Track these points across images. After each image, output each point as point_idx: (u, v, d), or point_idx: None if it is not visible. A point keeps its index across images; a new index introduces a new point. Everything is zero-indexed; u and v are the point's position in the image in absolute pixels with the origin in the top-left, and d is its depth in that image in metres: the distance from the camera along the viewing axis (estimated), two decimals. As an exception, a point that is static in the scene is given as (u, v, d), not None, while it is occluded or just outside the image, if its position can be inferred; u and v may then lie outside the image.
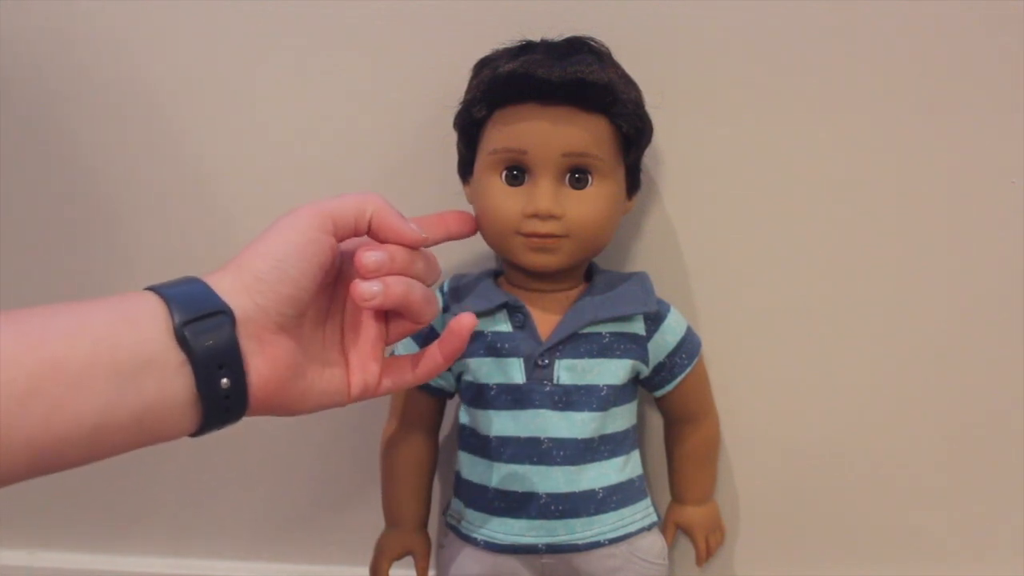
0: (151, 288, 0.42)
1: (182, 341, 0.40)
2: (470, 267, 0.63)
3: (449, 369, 0.59)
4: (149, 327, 0.40)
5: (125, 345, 0.38)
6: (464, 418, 0.59)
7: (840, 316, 0.65)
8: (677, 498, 0.66)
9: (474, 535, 0.57)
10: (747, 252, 0.65)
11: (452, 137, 0.59)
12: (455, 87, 0.58)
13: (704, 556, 0.66)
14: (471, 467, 0.58)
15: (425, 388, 0.61)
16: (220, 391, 0.41)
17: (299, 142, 0.67)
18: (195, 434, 0.42)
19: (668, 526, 0.65)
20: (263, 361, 0.42)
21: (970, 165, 0.62)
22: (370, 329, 0.48)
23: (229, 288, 0.42)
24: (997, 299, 0.64)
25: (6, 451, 0.35)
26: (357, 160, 0.67)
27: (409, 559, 0.63)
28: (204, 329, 0.40)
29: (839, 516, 0.68)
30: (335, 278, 0.47)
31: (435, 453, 0.64)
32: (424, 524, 0.62)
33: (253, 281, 0.43)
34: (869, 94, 0.62)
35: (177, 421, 0.41)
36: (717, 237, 0.65)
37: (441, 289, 0.60)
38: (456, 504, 0.60)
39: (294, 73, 0.66)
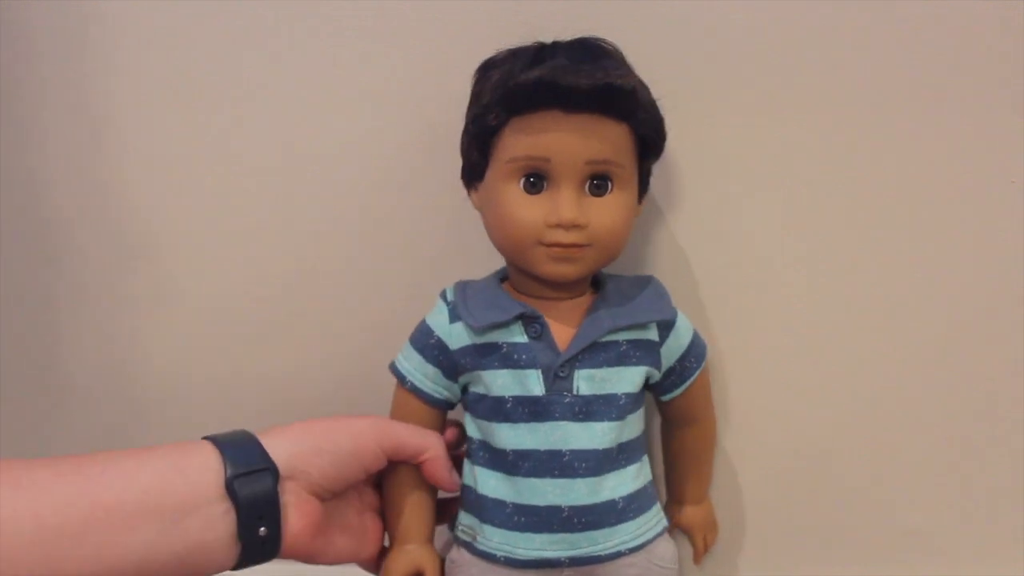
0: (209, 438, 0.48)
1: (231, 492, 0.46)
2: (468, 267, 0.63)
3: (456, 381, 0.58)
4: (199, 477, 0.46)
5: (173, 493, 0.44)
6: (473, 431, 0.57)
7: (839, 314, 0.65)
8: (675, 498, 0.66)
9: (493, 551, 0.55)
10: (748, 254, 0.65)
11: (456, 140, 0.58)
12: (457, 88, 0.57)
13: (702, 554, 0.66)
14: (485, 482, 0.56)
15: (428, 399, 0.58)
16: (258, 538, 0.47)
17: (300, 143, 0.67)
18: (232, 569, 0.47)
19: None
20: (298, 516, 0.49)
21: (970, 165, 0.62)
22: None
23: (285, 449, 0.49)
24: (997, 299, 0.64)
25: None
26: (357, 162, 0.67)
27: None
28: (251, 484, 0.46)
29: (839, 516, 0.68)
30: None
31: None
32: (430, 540, 0.59)
33: (311, 453, 0.50)
34: (867, 95, 0.62)
35: (216, 560, 0.46)
36: (721, 240, 0.65)
37: (444, 297, 0.59)
38: (468, 519, 0.57)
39: (294, 74, 0.66)
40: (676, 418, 0.63)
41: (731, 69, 0.62)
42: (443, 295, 0.59)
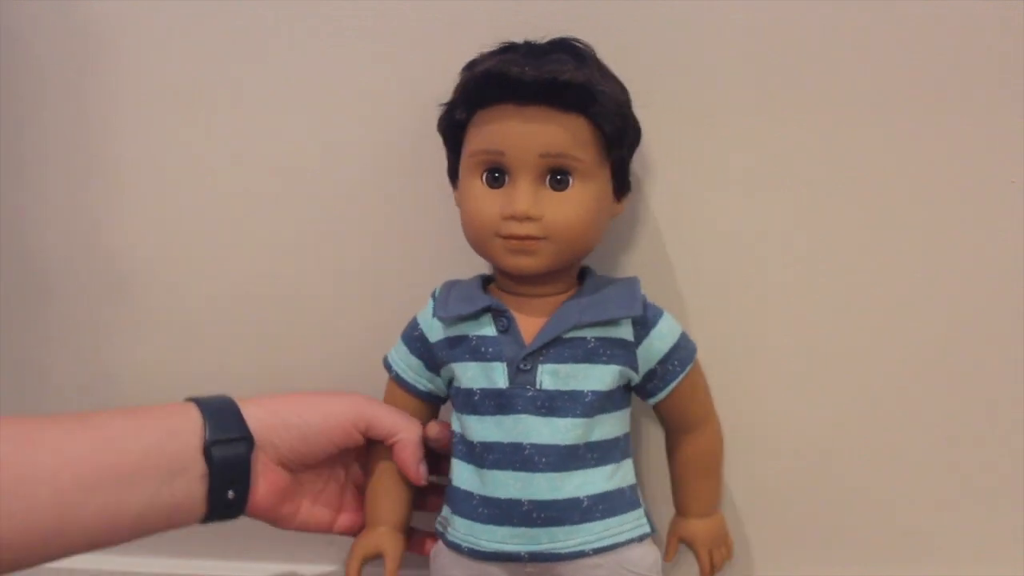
0: (193, 399, 0.51)
1: (208, 457, 0.48)
2: (469, 267, 0.63)
3: (439, 374, 0.59)
4: (188, 440, 0.48)
5: (167, 454, 0.47)
6: (454, 424, 0.59)
7: (839, 314, 0.65)
8: (680, 510, 0.63)
9: (459, 542, 0.56)
10: (747, 253, 0.65)
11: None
12: (451, 89, 0.57)
13: (708, 572, 0.63)
14: (459, 474, 0.57)
15: (411, 390, 0.60)
16: (226, 501, 0.50)
17: (299, 143, 0.67)
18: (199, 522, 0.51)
19: (670, 539, 0.63)
20: (264, 484, 0.52)
21: (970, 165, 0.62)
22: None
23: (257, 420, 0.51)
24: (996, 299, 0.64)
25: (68, 532, 0.44)
26: (351, 163, 0.67)
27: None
28: (227, 450, 0.49)
29: (839, 516, 0.68)
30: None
31: None
32: (400, 526, 0.60)
33: (280, 426, 0.52)
34: (867, 95, 0.62)
35: (187, 517, 0.50)
36: (720, 240, 0.65)
37: (433, 294, 0.60)
38: (445, 511, 0.59)
39: (289, 73, 0.66)
40: (671, 425, 0.62)
41: (730, 70, 0.62)
42: (433, 293, 0.60)
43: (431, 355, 0.59)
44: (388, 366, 0.61)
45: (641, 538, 0.57)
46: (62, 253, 0.71)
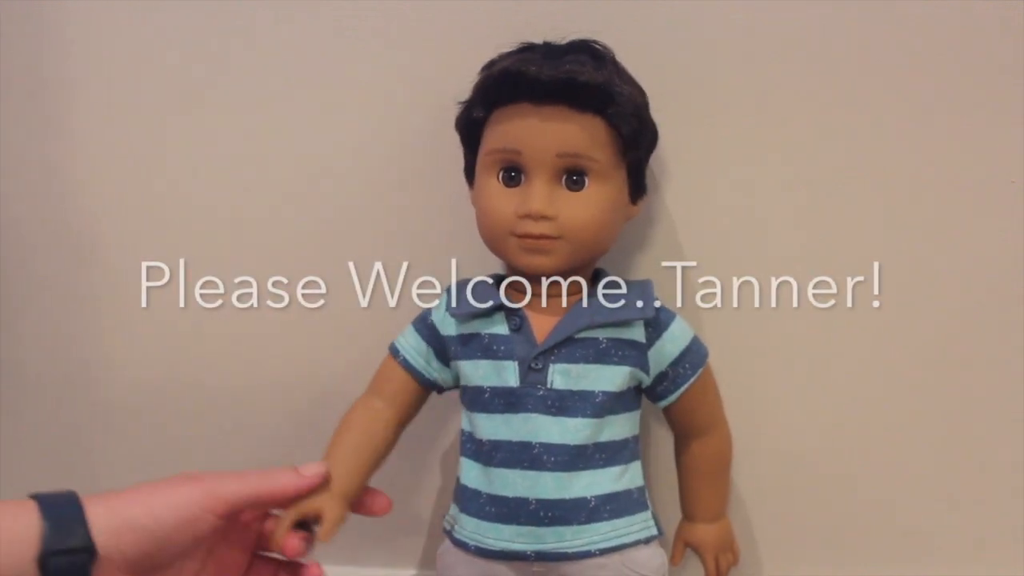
0: (37, 500, 0.45)
1: (43, 568, 0.43)
2: (471, 267, 0.63)
3: (448, 366, 0.59)
4: (22, 549, 0.44)
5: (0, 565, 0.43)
6: (464, 423, 0.59)
7: (839, 314, 0.65)
8: (686, 515, 0.63)
9: (466, 540, 0.57)
10: (747, 254, 0.65)
11: (456, 140, 0.59)
12: (458, 89, 0.57)
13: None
14: (467, 472, 0.57)
15: (419, 378, 0.59)
16: None
17: (305, 144, 0.67)
18: None
19: (677, 544, 0.63)
20: None
21: (970, 165, 0.62)
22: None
23: (104, 525, 0.45)
24: (997, 299, 0.64)
25: None
26: (364, 163, 0.67)
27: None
28: (65, 561, 0.44)
29: (839, 516, 0.68)
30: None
31: (391, 436, 0.58)
32: (347, 495, 0.54)
33: (127, 531, 0.46)
34: (869, 95, 0.62)
35: None
36: (720, 240, 0.65)
37: (446, 291, 0.60)
38: (452, 509, 0.59)
39: (289, 74, 0.66)
40: (680, 429, 0.62)
41: (731, 70, 0.62)
42: (446, 289, 0.60)
43: (442, 345, 0.59)
44: (395, 351, 0.60)
45: (648, 540, 0.57)
46: (35, 242, 0.71)
